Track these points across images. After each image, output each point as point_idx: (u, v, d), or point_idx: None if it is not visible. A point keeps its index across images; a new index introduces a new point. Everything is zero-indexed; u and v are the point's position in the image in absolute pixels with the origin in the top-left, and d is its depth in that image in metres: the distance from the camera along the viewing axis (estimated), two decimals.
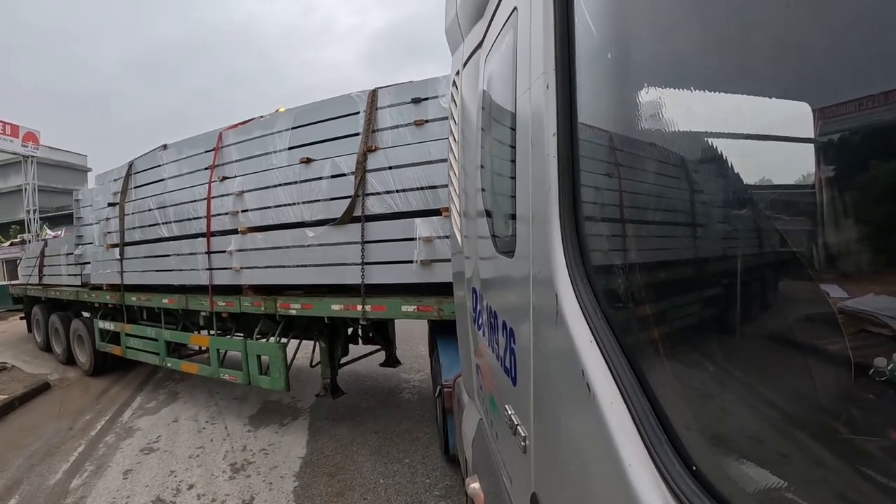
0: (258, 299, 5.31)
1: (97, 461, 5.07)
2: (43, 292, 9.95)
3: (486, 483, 1.91)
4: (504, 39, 1.58)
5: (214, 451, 5.10)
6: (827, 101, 0.64)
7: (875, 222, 0.62)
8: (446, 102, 4.00)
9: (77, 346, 8.82)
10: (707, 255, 0.91)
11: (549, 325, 1.17)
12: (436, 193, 4.12)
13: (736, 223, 0.83)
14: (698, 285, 0.91)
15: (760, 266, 0.78)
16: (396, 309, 4.43)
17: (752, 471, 0.74)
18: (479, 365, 2.24)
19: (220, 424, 5.81)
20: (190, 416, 6.11)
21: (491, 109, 1.81)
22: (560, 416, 1.17)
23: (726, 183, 0.82)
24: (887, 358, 0.57)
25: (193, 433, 5.60)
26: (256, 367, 5.53)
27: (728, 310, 0.82)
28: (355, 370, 6.94)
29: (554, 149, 1.14)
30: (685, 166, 0.90)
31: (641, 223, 1.06)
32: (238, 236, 5.36)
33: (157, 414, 6.33)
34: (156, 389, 7.41)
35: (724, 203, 0.85)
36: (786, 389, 0.74)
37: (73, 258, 8.65)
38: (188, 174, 6.12)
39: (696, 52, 0.85)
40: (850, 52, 0.63)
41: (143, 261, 6.73)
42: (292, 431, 5.50)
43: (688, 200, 0.93)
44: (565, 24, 1.14)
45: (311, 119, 4.96)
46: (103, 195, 7.66)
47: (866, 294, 0.62)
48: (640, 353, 0.94)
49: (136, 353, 7.28)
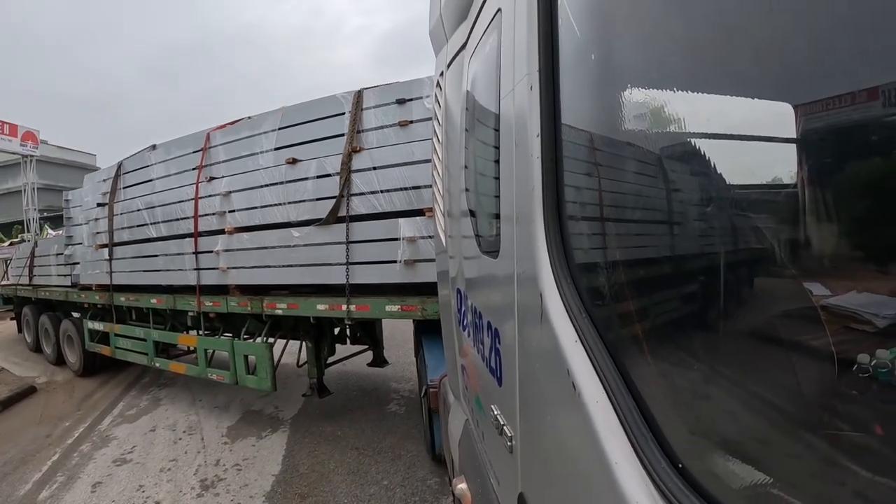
0: (245, 299, 5.34)
1: (69, 471, 4.95)
2: (33, 293, 9.94)
3: (474, 483, 1.91)
4: (488, 40, 1.58)
5: (187, 464, 4.93)
6: (809, 101, 0.65)
7: (857, 220, 0.63)
8: (430, 103, 4.04)
9: (67, 347, 8.80)
10: (690, 254, 0.92)
11: (533, 325, 1.17)
12: (419, 194, 4.15)
13: (718, 222, 0.84)
14: (682, 284, 0.92)
15: (743, 264, 0.79)
16: (381, 309, 4.45)
17: (738, 468, 0.74)
18: (464, 365, 2.23)
19: (197, 435, 5.62)
20: (168, 426, 5.95)
21: (475, 110, 1.81)
22: (546, 416, 1.17)
23: (709, 182, 0.83)
24: (870, 354, 0.58)
25: (169, 444, 5.43)
26: (244, 366, 5.55)
27: (712, 308, 0.83)
28: (345, 375, 6.88)
29: (538, 149, 1.15)
30: (668, 166, 0.91)
31: (625, 223, 1.07)
32: (225, 236, 5.39)
33: (135, 422, 6.17)
34: (139, 395, 7.28)
35: (707, 202, 0.86)
36: (770, 386, 0.75)
37: (62, 258, 8.65)
38: (176, 174, 6.13)
39: (680, 54, 0.86)
40: (831, 52, 0.64)
41: (131, 261, 6.76)
42: (269, 445, 5.23)
43: (671, 200, 0.94)
44: (549, 26, 1.14)
45: (298, 120, 4.98)
46: (93, 195, 7.66)
47: (848, 291, 0.63)
48: (625, 351, 0.94)
49: (125, 354, 7.28)
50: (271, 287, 5.33)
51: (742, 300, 0.80)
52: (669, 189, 0.93)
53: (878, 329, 0.59)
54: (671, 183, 0.92)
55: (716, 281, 0.80)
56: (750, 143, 0.79)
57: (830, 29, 0.63)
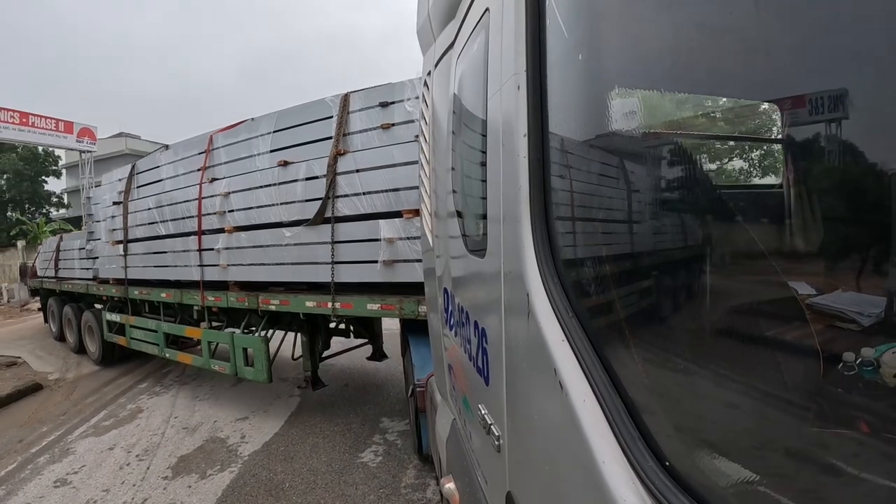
0: (242, 295, 5.60)
1: (10, 486, 4.75)
2: (57, 285, 10.63)
3: (461, 483, 1.91)
4: (476, 40, 1.58)
5: (115, 499, 4.40)
6: (795, 103, 0.66)
7: (842, 220, 0.64)
8: (411, 106, 4.17)
9: (87, 337, 9.40)
10: (676, 254, 0.93)
11: (520, 324, 1.18)
12: (398, 196, 4.28)
13: (705, 222, 0.85)
14: (668, 283, 0.92)
15: (730, 264, 0.80)
16: (363, 307, 4.59)
17: (725, 465, 0.75)
18: (451, 365, 2.23)
19: (146, 462, 5.05)
20: (127, 445, 5.51)
21: (462, 110, 1.81)
22: (533, 415, 1.17)
23: (695, 182, 0.83)
24: (855, 353, 0.59)
25: (114, 470, 4.94)
26: (243, 359, 5.77)
27: (698, 307, 0.84)
28: (328, 409, 6.19)
29: (525, 149, 1.15)
30: (655, 166, 0.92)
31: (612, 222, 1.08)
32: (225, 235, 5.67)
33: (102, 436, 5.82)
34: (128, 402, 7.01)
35: (694, 203, 0.87)
36: (756, 385, 0.76)
37: (84, 253, 9.24)
38: (183, 175, 6.44)
39: (666, 54, 0.86)
40: (816, 52, 0.65)
41: (143, 257, 7.21)
42: (205, 490, 4.44)
43: (657, 200, 0.95)
44: (537, 26, 1.14)
45: (291, 123, 5.16)
46: (110, 194, 8.20)
47: (834, 291, 0.64)
48: (611, 350, 0.95)
49: (140, 344, 7.70)
50: (268, 284, 5.56)
51: (728, 299, 0.81)
52: (656, 188, 0.93)
53: (862, 327, 0.60)
54: (657, 182, 0.93)
55: (702, 280, 0.80)
56: (736, 143, 0.80)
57: (815, 29, 0.64)
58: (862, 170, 0.60)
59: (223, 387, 7.26)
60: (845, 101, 0.59)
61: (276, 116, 5.32)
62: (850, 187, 0.61)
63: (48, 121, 18.56)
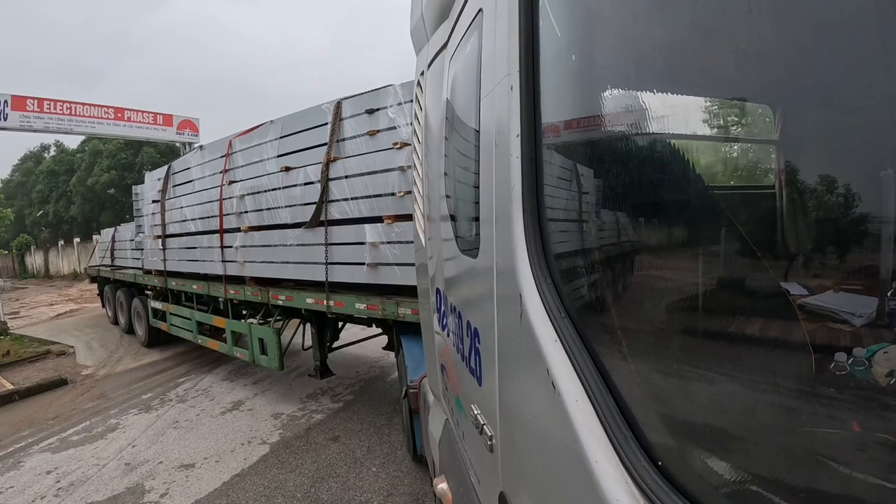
0: (257, 290, 6.11)
1: None
2: (111, 274, 11.81)
3: (454, 483, 1.91)
4: (469, 40, 1.58)
5: None
6: (788, 104, 0.67)
7: (834, 221, 0.64)
8: (393, 113, 4.31)
9: (136, 321, 10.44)
10: (669, 255, 0.93)
11: (513, 325, 1.18)
12: (380, 201, 4.48)
13: (697, 223, 0.85)
14: (661, 284, 0.93)
15: (722, 265, 0.80)
16: (352, 306, 4.83)
17: (717, 465, 0.75)
18: (444, 365, 2.23)
19: (58, 500, 4.31)
20: (64, 473, 4.89)
21: (455, 110, 1.81)
22: (526, 415, 1.17)
23: (688, 183, 0.84)
24: (847, 353, 0.59)
25: (30, 500, 4.34)
26: (258, 347, 6.19)
27: (690, 308, 0.84)
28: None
29: (518, 150, 1.15)
30: (647, 167, 0.92)
31: (604, 223, 1.08)
32: (241, 234, 6.18)
33: (55, 455, 5.29)
34: (112, 417, 6.40)
35: (686, 203, 0.87)
36: (748, 385, 0.76)
37: (133, 244, 10.27)
38: (209, 176, 7.03)
39: (659, 55, 0.87)
40: (809, 54, 0.65)
41: (178, 251, 7.94)
42: None
43: (650, 201, 0.95)
44: (530, 26, 1.14)
45: (294, 129, 5.51)
46: (151, 192, 8.97)
47: (826, 291, 0.65)
48: (604, 351, 0.95)
49: (178, 330, 8.44)
50: (280, 280, 6.00)
51: (721, 300, 0.81)
52: (648, 190, 0.94)
53: (854, 328, 0.60)
54: (649, 183, 0.93)
55: (694, 281, 0.81)
56: (729, 144, 0.80)
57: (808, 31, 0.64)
58: (853, 170, 0.60)
59: (211, 414, 6.28)
60: (836, 102, 0.59)
61: (282, 122, 5.67)
62: (841, 188, 0.61)
63: (145, 115, 18.70)
